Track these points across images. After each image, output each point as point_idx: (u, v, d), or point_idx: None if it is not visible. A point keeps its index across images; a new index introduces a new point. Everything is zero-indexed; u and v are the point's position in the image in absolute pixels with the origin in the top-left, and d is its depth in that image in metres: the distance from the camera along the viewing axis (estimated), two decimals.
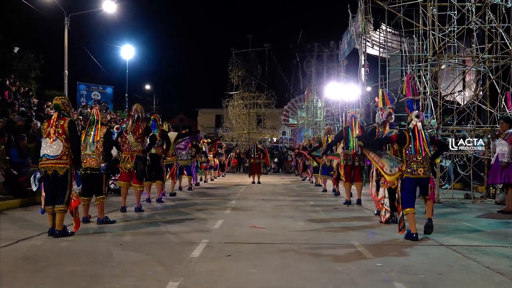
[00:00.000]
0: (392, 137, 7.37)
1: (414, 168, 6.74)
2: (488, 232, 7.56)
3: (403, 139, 6.89)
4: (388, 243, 6.60)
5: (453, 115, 13.46)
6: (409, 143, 6.81)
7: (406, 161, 6.81)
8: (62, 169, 6.65)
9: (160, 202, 11.39)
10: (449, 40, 12.82)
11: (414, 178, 6.76)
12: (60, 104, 6.86)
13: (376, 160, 7.21)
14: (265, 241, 6.60)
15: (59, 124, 6.71)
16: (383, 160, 7.08)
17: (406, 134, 6.90)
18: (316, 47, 37.92)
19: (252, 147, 20.78)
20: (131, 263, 5.22)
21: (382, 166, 7.05)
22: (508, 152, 9.70)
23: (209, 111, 52.85)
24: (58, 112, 6.81)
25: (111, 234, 6.99)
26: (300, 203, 11.87)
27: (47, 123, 6.81)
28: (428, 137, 7.09)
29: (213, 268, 5.06)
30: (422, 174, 6.75)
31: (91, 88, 29.15)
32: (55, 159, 6.64)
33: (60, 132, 6.68)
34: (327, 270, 5.01)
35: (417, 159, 6.75)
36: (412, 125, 6.86)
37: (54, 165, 6.62)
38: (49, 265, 5.09)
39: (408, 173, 6.78)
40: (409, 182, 6.79)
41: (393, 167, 6.92)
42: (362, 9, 17.92)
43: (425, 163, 6.77)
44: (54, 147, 6.64)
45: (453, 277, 4.85)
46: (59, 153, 6.65)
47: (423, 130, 6.92)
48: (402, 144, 6.89)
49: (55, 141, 6.64)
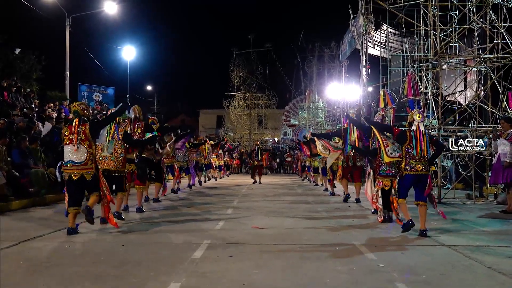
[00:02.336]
0: (395, 129, 7.60)
1: (413, 165, 7.05)
2: (490, 232, 7.55)
3: (403, 137, 7.16)
4: (390, 243, 6.61)
5: (454, 115, 13.47)
6: (410, 142, 7.08)
7: (405, 158, 7.12)
8: (89, 174, 6.93)
9: (157, 202, 11.43)
10: (450, 40, 12.83)
11: (413, 175, 7.07)
12: (79, 110, 7.03)
13: (383, 138, 7.66)
14: (267, 241, 6.61)
15: (81, 130, 6.89)
16: (389, 141, 7.55)
17: (408, 133, 7.16)
18: (317, 48, 37.91)
19: (255, 149, 20.88)
20: (133, 263, 5.23)
21: (387, 146, 7.53)
22: (509, 152, 9.68)
23: (211, 111, 52.82)
24: (78, 118, 6.97)
25: (113, 235, 7.00)
26: (301, 203, 11.88)
27: (69, 129, 6.96)
28: (428, 137, 7.30)
29: (216, 268, 5.06)
30: (420, 170, 7.05)
31: (92, 89, 29.15)
32: (81, 165, 6.88)
33: (83, 139, 6.89)
34: (330, 270, 5.01)
35: (416, 157, 7.03)
36: (415, 126, 7.11)
37: (81, 171, 6.88)
38: (51, 266, 5.10)
39: (407, 170, 7.09)
40: (408, 178, 7.13)
41: (395, 150, 7.45)
42: (363, 9, 17.89)
43: (423, 161, 7.06)
44: (79, 154, 6.86)
45: (456, 277, 4.85)
46: (84, 159, 6.88)
47: (424, 130, 7.16)
48: (402, 142, 7.18)
49: (79, 148, 6.84)
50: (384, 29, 20.68)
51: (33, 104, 17.41)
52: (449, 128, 12.65)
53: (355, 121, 10.00)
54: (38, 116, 15.34)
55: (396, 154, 7.43)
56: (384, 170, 8.08)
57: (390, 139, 7.62)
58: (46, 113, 16.11)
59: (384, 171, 8.09)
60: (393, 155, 7.49)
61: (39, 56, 24.77)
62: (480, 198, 12.10)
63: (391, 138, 7.60)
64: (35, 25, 28.41)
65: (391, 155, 7.51)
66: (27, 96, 17.77)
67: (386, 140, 7.62)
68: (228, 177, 26.49)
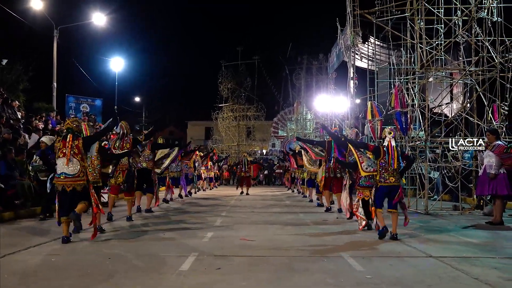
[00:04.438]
0: (370, 145, 8.47)
1: (387, 177, 7.83)
2: (476, 243, 7.60)
3: (378, 152, 7.98)
4: (378, 254, 6.63)
5: (441, 127, 13.60)
6: (384, 156, 7.88)
7: (380, 171, 7.91)
8: (80, 185, 7.25)
9: (149, 212, 11.65)
10: (436, 53, 12.98)
11: (387, 186, 7.84)
12: (73, 127, 7.44)
13: (359, 155, 8.46)
14: (256, 253, 6.59)
15: (74, 145, 7.27)
16: (364, 157, 8.36)
17: (381, 148, 7.99)
18: (305, 60, 38.13)
19: (242, 160, 21.10)
20: (120, 276, 5.18)
21: (362, 162, 8.34)
22: (495, 164, 9.79)
23: (199, 123, 52.87)
24: (72, 134, 7.34)
25: (100, 247, 6.93)
26: (290, 215, 11.87)
27: (62, 143, 7.31)
28: (399, 152, 8.08)
29: (203, 281, 5.03)
30: (393, 182, 7.83)
31: (80, 100, 28.89)
32: (73, 177, 7.21)
33: (76, 152, 7.26)
34: (319, 283, 5.01)
35: (389, 170, 7.82)
36: (387, 142, 7.94)
37: (73, 183, 7.20)
38: (37, 280, 5.04)
39: (381, 182, 7.88)
40: (382, 189, 7.90)
41: (369, 166, 8.27)
42: (350, 22, 18.04)
43: (395, 173, 7.86)
44: (71, 167, 7.19)
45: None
46: (77, 171, 7.22)
47: (395, 145, 8.00)
48: (377, 156, 7.99)
49: (71, 161, 7.19)
50: (372, 42, 20.88)
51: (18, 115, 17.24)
52: (435, 140, 12.77)
53: (331, 133, 10.61)
54: (24, 128, 15.22)
55: (371, 168, 8.24)
56: (364, 181, 8.71)
57: (365, 154, 8.40)
58: (33, 125, 15.99)
59: (364, 182, 8.72)
60: (368, 169, 8.30)
61: (26, 67, 24.60)
62: (466, 210, 12.18)
63: (366, 154, 8.37)
64: (22, 35, 28.29)
65: (366, 169, 8.32)
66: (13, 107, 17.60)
67: (362, 156, 8.41)
68: (217, 188, 26.44)
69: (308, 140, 14.73)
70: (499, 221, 9.74)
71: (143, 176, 10.98)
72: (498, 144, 9.86)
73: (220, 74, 41.46)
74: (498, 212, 9.85)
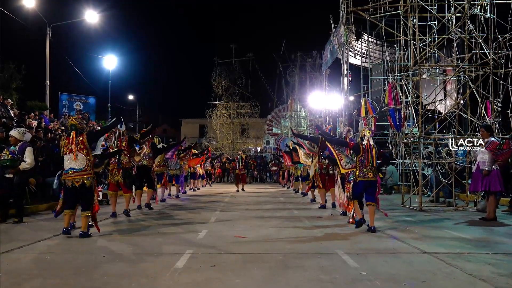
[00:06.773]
0: (349, 144, 8.89)
1: (365, 173, 8.37)
2: (470, 240, 7.63)
3: (358, 150, 8.46)
4: (372, 251, 6.63)
5: (434, 124, 13.65)
6: (363, 153, 8.37)
7: (359, 167, 8.43)
8: (89, 180, 7.58)
9: (148, 207, 12.11)
10: (429, 49, 13.01)
11: (365, 181, 8.39)
12: (76, 124, 7.75)
13: (337, 153, 8.92)
14: (250, 251, 6.59)
15: (79, 140, 7.57)
16: (343, 155, 8.85)
17: (361, 146, 8.44)
18: (299, 57, 38.18)
19: (238, 158, 21.20)
20: (114, 275, 5.17)
21: (341, 159, 8.83)
22: (488, 160, 9.84)
23: (193, 121, 52.80)
24: (75, 131, 7.65)
25: (94, 245, 6.93)
26: (284, 212, 11.88)
27: (67, 140, 7.63)
28: (377, 150, 8.58)
29: (198, 279, 5.03)
30: (371, 177, 8.38)
31: (73, 98, 28.72)
32: (81, 171, 7.53)
33: (82, 147, 7.57)
34: (313, 279, 5.01)
35: (367, 166, 8.36)
36: (366, 141, 8.41)
37: (81, 177, 7.51)
38: (31, 278, 5.01)
39: (361, 177, 8.41)
40: (361, 184, 8.44)
41: (348, 163, 8.77)
42: (344, 19, 18.05)
43: (373, 169, 8.40)
44: (79, 161, 7.52)
45: (437, 284, 4.89)
46: (84, 165, 7.56)
47: (374, 144, 8.50)
48: (356, 153, 8.49)
49: (78, 156, 7.51)
50: (365, 39, 20.94)
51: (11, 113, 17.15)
52: (429, 136, 12.82)
53: (324, 133, 10.82)
54: (17, 126, 15.10)
55: (349, 165, 8.73)
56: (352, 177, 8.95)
57: (343, 152, 8.88)
58: (26, 123, 15.89)
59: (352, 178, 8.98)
60: (347, 166, 8.79)
61: (19, 65, 24.47)
62: (460, 206, 12.22)
63: (344, 152, 8.86)
64: (15, 34, 28.12)
65: (346, 166, 8.81)
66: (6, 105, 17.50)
67: (340, 154, 8.88)
68: (211, 186, 26.45)
69: (303, 136, 15.09)
70: (493, 217, 9.81)
71: (144, 174, 11.58)
72: (491, 140, 9.91)
73: (213, 71, 41.41)
74: (491, 208, 9.91)
